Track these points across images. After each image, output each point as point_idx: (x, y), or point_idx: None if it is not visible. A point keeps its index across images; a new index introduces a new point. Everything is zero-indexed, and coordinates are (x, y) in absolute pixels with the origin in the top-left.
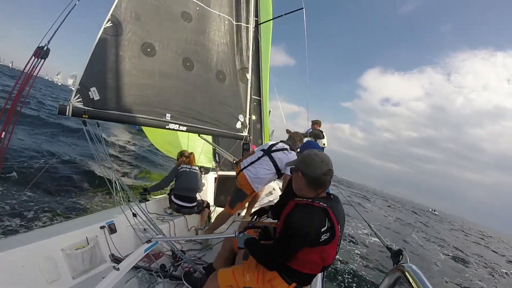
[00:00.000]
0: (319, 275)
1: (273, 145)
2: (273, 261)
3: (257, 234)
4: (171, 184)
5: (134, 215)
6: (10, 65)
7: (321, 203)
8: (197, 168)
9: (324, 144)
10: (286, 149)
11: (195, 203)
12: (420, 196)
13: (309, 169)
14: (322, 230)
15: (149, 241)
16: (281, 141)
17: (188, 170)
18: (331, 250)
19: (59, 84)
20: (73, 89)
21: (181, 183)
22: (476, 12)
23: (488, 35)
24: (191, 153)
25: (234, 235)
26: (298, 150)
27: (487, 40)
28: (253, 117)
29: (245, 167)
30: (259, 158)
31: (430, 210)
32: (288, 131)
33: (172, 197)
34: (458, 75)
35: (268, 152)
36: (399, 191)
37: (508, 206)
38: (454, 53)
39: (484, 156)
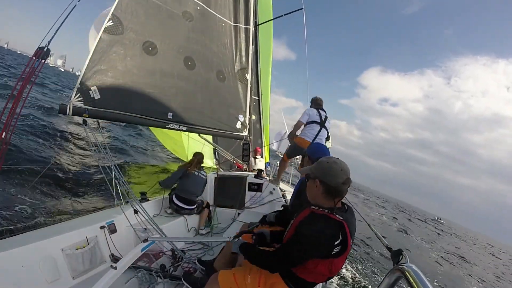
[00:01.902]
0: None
1: (320, 114)
2: (276, 263)
3: (252, 240)
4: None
5: (135, 211)
6: (5, 46)
7: (337, 215)
8: (205, 174)
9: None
10: (327, 117)
11: (195, 206)
12: (415, 197)
13: (327, 178)
14: (335, 243)
15: (145, 240)
16: (314, 108)
17: (196, 173)
18: (340, 262)
19: (51, 65)
20: (62, 70)
21: (185, 184)
22: (479, 18)
23: (491, 42)
24: (203, 156)
25: (229, 239)
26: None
27: (490, 46)
28: (253, 117)
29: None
30: (319, 131)
31: (436, 218)
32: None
33: (173, 197)
34: (459, 79)
35: (323, 124)
36: (396, 193)
37: (502, 213)
38: (455, 57)
39: (479, 162)
